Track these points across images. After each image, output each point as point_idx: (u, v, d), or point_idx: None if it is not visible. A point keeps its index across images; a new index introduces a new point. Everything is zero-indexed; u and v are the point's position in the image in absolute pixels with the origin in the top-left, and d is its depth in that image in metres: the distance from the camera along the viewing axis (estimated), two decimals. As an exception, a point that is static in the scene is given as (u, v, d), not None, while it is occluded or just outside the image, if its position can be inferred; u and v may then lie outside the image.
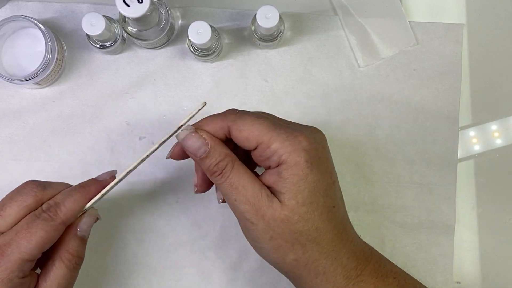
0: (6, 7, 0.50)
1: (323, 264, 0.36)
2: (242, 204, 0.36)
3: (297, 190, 0.35)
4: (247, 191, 0.36)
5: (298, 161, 0.35)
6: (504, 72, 0.51)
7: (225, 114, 0.38)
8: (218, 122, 0.37)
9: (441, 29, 0.51)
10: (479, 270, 0.50)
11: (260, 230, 0.36)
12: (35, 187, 0.37)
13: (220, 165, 0.36)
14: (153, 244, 0.49)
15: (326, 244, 0.36)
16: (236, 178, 0.36)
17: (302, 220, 0.35)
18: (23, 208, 0.36)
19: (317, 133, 0.38)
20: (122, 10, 0.42)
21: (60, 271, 0.37)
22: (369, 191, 0.50)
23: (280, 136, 0.36)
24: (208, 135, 0.37)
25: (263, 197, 0.36)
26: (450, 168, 0.50)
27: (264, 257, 0.38)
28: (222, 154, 0.37)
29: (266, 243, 0.36)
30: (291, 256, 0.36)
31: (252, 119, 0.37)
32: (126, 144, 0.50)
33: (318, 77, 0.50)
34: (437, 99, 0.50)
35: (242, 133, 0.36)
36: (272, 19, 0.44)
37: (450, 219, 0.50)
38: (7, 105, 0.50)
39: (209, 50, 0.48)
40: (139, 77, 0.50)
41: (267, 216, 0.35)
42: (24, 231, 0.35)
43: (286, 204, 0.35)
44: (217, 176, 0.36)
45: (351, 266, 0.37)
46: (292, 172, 0.35)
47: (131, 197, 0.49)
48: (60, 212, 0.37)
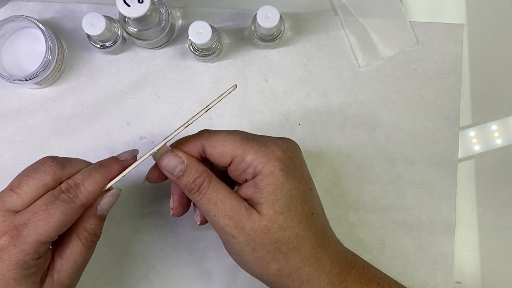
0: (6, 7, 0.50)
1: (306, 271, 0.36)
2: (222, 219, 0.36)
3: (274, 199, 0.36)
4: (226, 206, 0.36)
5: (273, 170, 0.36)
6: (504, 72, 0.51)
7: (199, 134, 0.38)
8: (192, 141, 0.38)
9: (441, 29, 0.51)
10: (479, 270, 0.50)
11: (242, 243, 0.36)
12: (54, 165, 0.36)
13: (197, 182, 0.36)
14: (153, 244, 0.49)
15: (308, 251, 0.36)
16: (214, 194, 0.36)
17: (281, 229, 0.36)
18: (41, 187, 0.35)
19: (290, 143, 0.39)
20: (123, 10, 0.42)
21: (77, 248, 0.37)
22: (369, 191, 0.50)
23: (253, 148, 0.36)
24: (184, 154, 0.37)
25: (241, 210, 0.36)
26: (450, 168, 0.50)
27: (247, 270, 0.38)
28: (198, 171, 0.37)
29: (248, 255, 0.36)
30: (274, 266, 0.36)
31: (224, 134, 0.37)
32: (126, 144, 0.50)
33: (318, 77, 0.50)
34: (437, 99, 0.50)
35: (216, 149, 0.37)
36: (272, 19, 0.44)
37: (450, 219, 0.50)
38: (7, 105, 0.50)
39: (209, 50, 0.48)
40: (139, 77, 0.50)
41: (247, 228, 0.35)
42: (42, 212, 0.34)
43: (264, 214, 0.35)
44: (195, 193, 0.37)
45: (334, 272, 0.37)
46: (268, 182, 0.36)
47: (131, 197, 0.49)
48: (80, 194, 0.36)
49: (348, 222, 0.49)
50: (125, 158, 0.39)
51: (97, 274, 0.49)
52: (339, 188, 0.50)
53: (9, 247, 0.34)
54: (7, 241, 0.34)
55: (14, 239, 0.34)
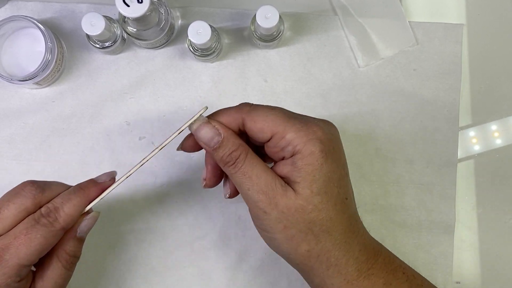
0: (6, 7, 0.50)
1: (335, 255, 0.36)
2: (256, 194, 0.35)
3: (312, 180, 0.35)
4: (261, 180, 0.35)
5: (313, 151, 0.35)
6: (504, 72, 0.51)
7: (239, 107, 0.38)
8: (231, 113, 0.37)
9: (441, 29, 0.51)
10: (479, 270, 0.50)
11: (273, 219, 0.35)
12: (34, 189, 0.37)
13: (233, 155, 0.36)
14: (153, 244, 0.49)
15: (339, 235, 0.36)
16: (249, 168, 0.36)
17: (316, 210, 0.35)
18: (21, 211, 0.36)
19: (331, 125, 0.38)
20: (122, 10, 0.42)
21: (57, 270, 0.37)
22: (369, 191, 0.50)
23: (295, 126, 0.36)
24: (221, 126, 0.37)
25: (277, 186, 0.35)
26: (450, 168, 0.50)
27: (275, 248, 0.38)
28: (235, 144, 0.36)
29: (279, 233, 0.36)
30: (304, 247, 0.36)
31: (266, 110, 0.37)
32: (126, 144, 0.50)
33: (318, 77, 0.50)
34: (437, 99, 0.50)
35: (257, 124, 0.36)
36: (272, 19, 0.44)
37: (450, 219, 0.50)
38: (7, 105, 0.50)
39: (209, 50, 0.48)
40: (138, 77, 0.50)
41: (281, 205, 0.35)
42: (23, 236, 0.35)
43: (300, 193, 0.35)
44: (231, 166, 0.36)
45: (362, 259, 0.37)
46: (306, 162, 0.35)
47: (131, 197, 0.49)
48: (59, 218, 0.36)
49: (348, 222, 0.49)
50: (103, 180, 0.39)
51: (97, 274, 0.49)
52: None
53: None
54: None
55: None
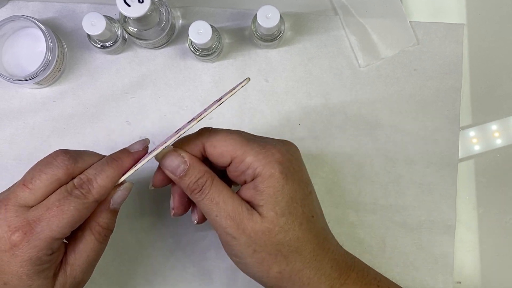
0: (6, 7, 0.50)
1: (307, 274, 0.36)
2: (224, 220, 0.36)
3: (275, 202, 0.35)
4: (228, 206, 0.36)
5: (273, 173, 0.35)
6: (504, 72, 0.51)
7: (199, 132, 0.38)
8: (193, 140, 0.38)
9: (442, 29, 0.51)
10: (480, 270, 0.50)
11: (243, 244, 0.36)
12: (66, 160, 0.36)
13: (199, 182, 0.36)
14: (153, 244, 0.49)
15: (308, 254, 0.36)
16: (216, 194, 0.36)
17: (282, 231, 0.35)
18: (53, 182, 0.35)
19: (289, 145, 0.38)
20: (123, 10, 0.42)
21: (90, 243, 0.37)
22: (369, 191, 0.50)
23: (253, 149, 0.36)
24: (186, 153, 0.37)
25: (243, 211, 0.36)
26: (451, 168, 0.50)
27: (248, 273, 0.38)
28: (201, 171, 0.37)
29: (249, 257, 0.36)
30: (275, 269, 0.36)
31: (225, 134, 0.37)
32: (127, 144, 0.49)
33: (319, 77, 0.50)
34: (437, 99, 0.50)
35: (216, 149, 0.37)
36: (273, 19, 0.44)
37: (451, 219, 0.50)
38: (8, 105, 0.50)
39: (210, 50, 0.48)
40: (139, 77, 0.50)
41: (248, 230, 0.35)
42: (56, 208, 0.34)
43: (265, 216, 0.35)
44: (197, 193, 0.36)
45: (335, 275, 0.37)
46: (268, 184, 0.35)
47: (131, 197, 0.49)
48: (93, 190, 0.35)
49: (348, 222, 0.49)
50: (136, 149, 0.39)
51: (97, 274, 0.49)
52: (339, 188, 0.50)
53: (22, 243, 0.34)
54: (20, 237, 0.34)
55: (28, 235, 0.34)
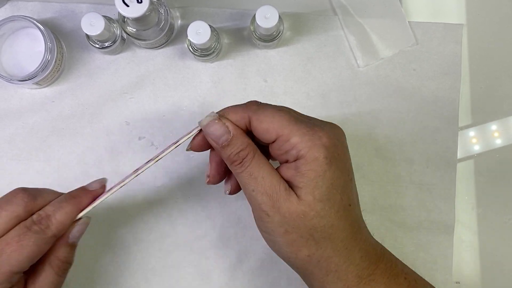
0: (5, 7, 0.50)
1: (335, 261, 0.36)
2: (260, 195, 0.35)
3: (315, 186, 0.35)
4: (266, 182, 0.35)
5: (317, 156, 0.35)
6: (504, 72, 0.51)
7: (247, 105, 0.37)
8: (240, 112, 0.37)
9: (441, 29, 0.51)
10: (479, 270, 0.50)
11: (275, 223, 0.35)
12: (25, 197, 0.36)
13: (241, 154, 0.36)
14: (153, 244, 0.49)
15: (340, 242, 0.36)
16: (256, 168, 0.36)
17: (318, 216, 0.35)
18: (13, 218, 0.36)
19: (337, 130, 0.38)
20: (122, 10, 0.42)
21: (50, 277, 0.37)
22: (369, 191, 0.50)
23: (300, 130, 0.35)
24: (231, 124, 0.37)
25: (281, 190, 0.35)
26: (450, 168, 0.50)
27: (276, 251, 0.38)
28: (244, 143, 0.36)
29: (280, 236, 0.36)
30: (304, 252, 0.36)
31: (273, 111, 0.36)
32: (126, 144, 0.50)
33: (318, 77, 0.50)
34: (437, 99, 0.50)
35: (263, 124, 0.36)
36: (272, 19, 0.44)
37: (450, 219, 0.50)
38: (7, 105, 0.50)
39: (209, 50, 0.48)
40: (138, 77, 0.50)
41: (283, 209, 0.35)
42: (15, 243, 0.35)
43: (302, 199, 0.35)
44: (237, 165, 0.36)
45: (363, 265, 0.37)
46: (310, 168, 0.35)
47: (131, 197, 0.49)
48: (51, 225, 0.36)
49: (348, 222, 0.49)
50: (94, 188, 0.39)
51: (97, 274, 0.49)
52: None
53: None
54: None
55: None
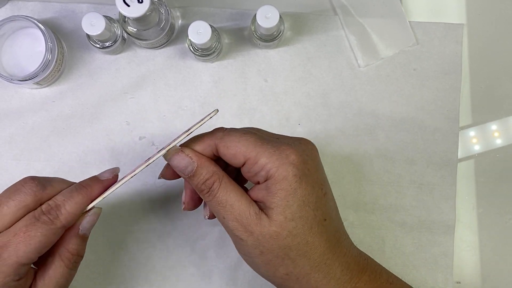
0: (6, 7, 0.50)
1: (315, 277, 0.36)
2: (231, 222, 0.36)
3: (286, 205, 0.35)
4: (235, 209, 0.36)
5: (286, 175, 0.35)
6: (504, 72, 0.51)
7: (213, 133, 0.38)
8: (205, 140, 0.37)
9: (441, 29, 0.51)
10: (479, 270, 0.50)
11: (250, 245, 0.36)
12: (34, 186, 0.36)
13: (207, 183, 0.36)
14: (153, 244, 0.49)
15: (318, 257, 0.36)
16: (224, 197, 0.36)
17: (290, 235, 0.35)
18: (21, 208, 0.35)
19: (306, 145, 0.38)
20: (122, 10, 0.42)
21: (59, 269, 0.37)
22: (369, 191, 0.50)
23: (267, 151, 0.35)
24: (194, 154, 0.37)
25: (251, 215, 0.36)
26: (450, 168, 0.50)
27: (256, 270, 0.38)
28: (209, 172, 0.36)
29: (256, 257, 0.36)
30: (282, 271, 0.36)
31: (239, 135, 0.36)
32: (126, 144, 0.50)
33: (318, 77, 0.50)
34: (437, 99, 0.50)
35: (229, 150, 0.36)
36: (272, 19, 0.44)
37: (450, 219, 0.49)
38: (7, 105, 0.50)
39: (209, 50, 0.48)
40: (139, 77, 0.50)
41: (256, 233, 0.35)
42: (23, 234, 0.34)
43: (274, 219, 0.35)
44: (205, 194, 0.37)
45: (345, 279, 0.37)
46: (280, 187, 0.35)
47: (131, 197, 0.49)
48: (60, 215, 0.35)
49: (348, 222, 0.49)
50: (106, 177, 0.39)
51: (97, 274, 0.49)
52: (339, 188, 0.50)
53: None
54: None
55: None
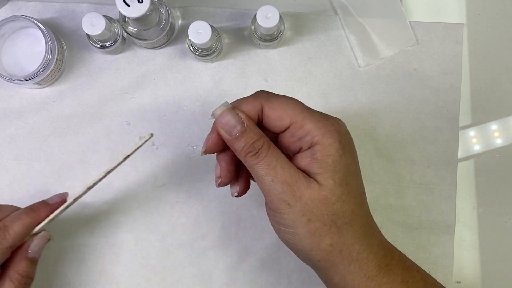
0: (6, 7, 0.50)
1: (357, 249, 0.35)
2: (280, 185, 0.34)
3: (333, 170, 0.35)
4: (285, 171, 0.34)
5: (332, 142, 0.35)
6: (504, 72, 0.51)
7: (257, 94, 0.37)
8: (251, 101, 0.36)
9: (441, 29, 0.51)
10: (479, 270, 0.50)
11: (297, 212, 0.34)
12: None
13: (256, 144, 0.35)
14: (153, 244, 0.49)
15: (360, 228, 0.36)
16: (273, 158, 0.35)
17: (340, 201, 0.35)
18: None
19: (342, 121, 0.38)
20: (122, 10, 0.42)
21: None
22: (369, 191, 0.49)
23: (313, 117, 0.35)
24: (244, 114, 0.36)
25: (300, 178, 0.35)
26: (450, 168, 0.50)
27: (295, 244, 0.36)
28: (257, 134, 0.35)
29: (302, 227, 0.35)
30: (326, 241, 0.35)
31: (285, 99, 0.36)
32: (126, 144, 0.50)
33: (318, 77, 0.50)
34: (437, 99, 0.50)
35: (276, 112, 0.36)
36: (272, 19, 0.44)
37: (450, 219, 0.50)
38: (7, 105, 0.50)
39: (209, 50, 0.48)
40: (139, 77, 0.50)
41: (306, 197, 0.34)
42: None
43: (323, 184, 0.34)
44: (252, 157, 0.35)
45: (381, 254, 0.36)
46: (327, 153, 0.35)
47: (131, 197, 0.49)
48: (8, 236, 0.37)
49: (348, 222, 0.49)
50: (54, 202, 0.40)
51: (97, 274, 0.49)
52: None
53: None
54: None
55: None
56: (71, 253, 0.49)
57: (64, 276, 0.49)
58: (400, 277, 0.36)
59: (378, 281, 0.35)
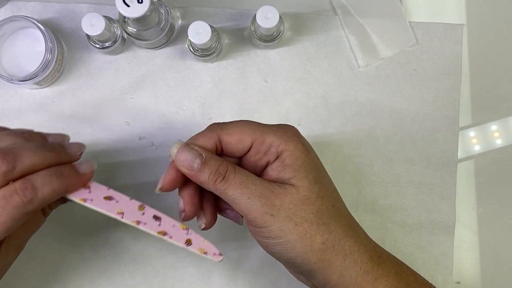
0: (6, 7, 0.50)
1: (348, 242, 0.36)
2: (258, 199, 0.34)
3: (306, 171, 0.36)
4: (257, 186, 0.35)
5: (296, 146, 0.36)
6: (504, 72, 0.51)
7: (210, 127, 0.38)
8: (206, 134, 0.37)
9: (441, 29, 0.51)
10: (479, 270, 0.50)
11: (282, 219, 0.34)
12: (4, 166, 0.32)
13: (220, 169, 0.35)
14: (153, 244, 0.49)
15: (344, 221, 0.36)
16: (243, 177, 0.35)
17: (319, 198, 0.35)
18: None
19: (294, 127, 0.39)
20: (122, 10, 0.42)
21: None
22: (369, 191, 0.50)
23: (271, 129, 0.37)
24: (199, 147, 0.36)
25: (275, 187, 0.35)
26: (450, 168, 0.50)
27: (288, 253, 0.35)
28: (219, 160, 0.36)
29: (291, 232, 0.35)
30: (318, 239, 0.35)
31: (239, 122, 0.37)
32: (126, 144, 0.50)
33: (318, 77, 0.50)
34: (437, 99, 0.50)
35: (234, 136, 0.37)
36: (272, 19, 0.44)
37: (450, 219, 0.50)
38: (7, 105, 0.50)
39: (209, 50, 0.48)
40: (139, 77, 0.50)
41: (286, 203, 0.35)
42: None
43: (300, 185, 0.35)
44: (221, 182, 0.35)
45: (371, 246, 0.37)
46: (295, 156, 0.36)
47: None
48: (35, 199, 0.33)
49: (348, 222, 0.50)
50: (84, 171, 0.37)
51: (97, 274, 0.49)
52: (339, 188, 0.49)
53: None
54: None
55: None
56: (71, 253, 0.49)
57: (64, 276, 0.49)
58: (393, 270, 0.37)
59: (374, 274, 0.36)
